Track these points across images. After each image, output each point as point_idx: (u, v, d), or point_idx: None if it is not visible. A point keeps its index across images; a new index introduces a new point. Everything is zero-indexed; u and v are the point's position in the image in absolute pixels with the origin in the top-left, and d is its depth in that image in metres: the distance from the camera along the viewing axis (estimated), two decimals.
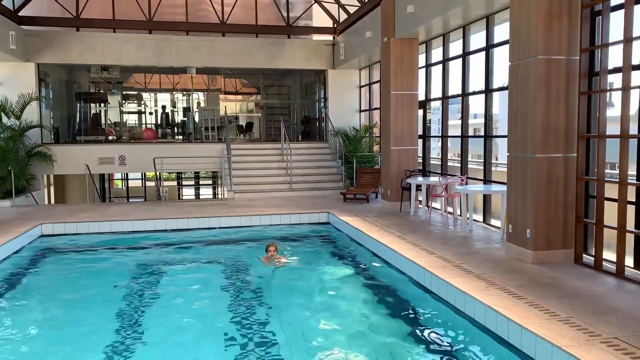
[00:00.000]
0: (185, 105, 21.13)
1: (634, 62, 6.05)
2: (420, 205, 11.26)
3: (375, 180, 13.53)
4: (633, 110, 6.11)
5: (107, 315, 5.90)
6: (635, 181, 6.12)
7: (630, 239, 6.19)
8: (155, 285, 7.18)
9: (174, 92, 21.51)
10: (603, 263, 6.40)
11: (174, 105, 21.62)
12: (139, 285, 7.09)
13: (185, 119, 20.22)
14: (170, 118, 20.93)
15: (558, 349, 4.12)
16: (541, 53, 6.64)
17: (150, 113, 21.54)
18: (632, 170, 6.24)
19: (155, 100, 22.20)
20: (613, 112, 6.81)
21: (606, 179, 6.41)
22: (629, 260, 6.26)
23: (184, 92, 20.98)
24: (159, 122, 20.89)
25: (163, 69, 18.64)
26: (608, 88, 6.50)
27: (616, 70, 6.33)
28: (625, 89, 6.01)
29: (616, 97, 6.76)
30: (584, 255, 6.80)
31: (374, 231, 8.96)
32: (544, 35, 6.62)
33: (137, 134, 19.45)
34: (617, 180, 6.13)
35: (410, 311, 5.98)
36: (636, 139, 6.13)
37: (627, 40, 5.97)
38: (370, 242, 8.58)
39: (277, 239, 9.76)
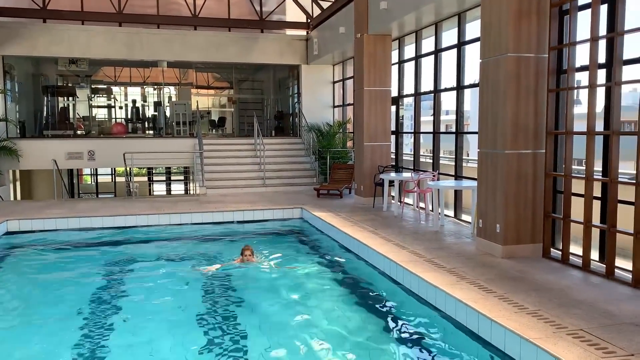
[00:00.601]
0: (156, 99, 20.80)
1: (600, 60, 6.19)
2: (393, 201, 11.34)
3: (348, 176, 13.57)
4: (599, 108, 6.26)
5: (74, 314, 5.78)
6: (600, 177, 6.27)
7: (595, 233, 6.35)
8: (125, 283, 7.04)
9: (145, 86, 21.15)
10: (570, 257, 6.56)
11: (144, 99, 21.25)
12: (108, 283, 6.96)
13: (156, 113, 19.92)
14: (140, 112, 20.58)
15: (526, 341, 4.20)
16: (511, 51, 6.74)
17: (120, 107, 21.13)
18: (597, 167, 6.39)
19: (126, 94, 21.78)
20: (580, 109, 6.97)
21: (573, 174, 6.56)
22: (595, 254, 6.43)
23: (155, 86, 20.66)
24: (129, 116, 20.52)
25: (133, 63, 18.31)
26: (575, 86, 6.64)
27: (583, 68, 6.47)
28: (592, 86, 6.15)
29: (583, 95, 6.91)
30: (551, 249, 6.96)
31: (347, 226, 8.99)
32: (514, 33, 6.72)
33: (106, 129, 19.07)
34: (584, 176, 6.28)
35: (383, 305, 6.02)
36: (602, 136, 6.28)
37: (594, 39, 6.11)
38: (344, 238, 8.61)
39: (250, 235, 9.74)
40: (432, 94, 10.97)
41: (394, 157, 12.78)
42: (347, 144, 15.86)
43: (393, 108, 12.42)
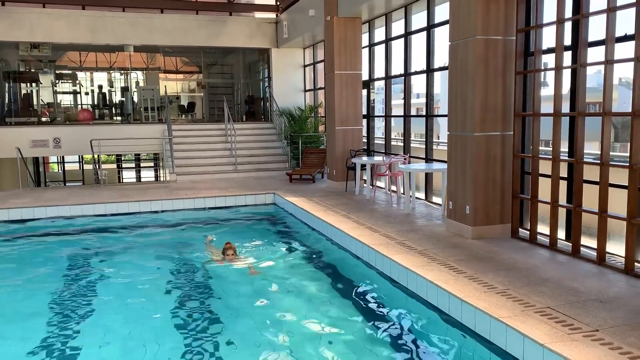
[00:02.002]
0: (123, 84, 20.33)
1: (566, 42, 6.27)
2: (365, 185, 11.39)
3: (320, 161, 13.56)
4: (565, 90, 6.36)
5: (39, 306, 5.66)
6: (567, 158, 6.39)
7: (562, 213, 6.49)
8: (93, 274, 6.90)
9: (111, 71, 20.64)
10: (537, 236, 6.70)
11: (111, 84, 20.76)
12: (76, 275, 6.82)
13: (124, 99, 19.49)
14: (107, 98, 20.11)
15: (496, 320, 4.28)
16: (479, 33, 6.77)
17: (86, 93, 20.58)
18: (563, 147, 6.52)
19: (92, 80, 21.23)
20: (546, 91, 7.07)
21: (540, 156, 6.67)
22: (561, 233, 6.58)
23: (122, 71, 20.18)
24: (95, 102, 20.03)
25: (99, 47, 17.83)
26: (542, 68, 6.72)
27: (550, 50, 6.55)
28: (558, 68, 6.24)
29: (549, 77, 7.00)
30: (519, 229, 7.09)
31: (319, 211, 8.99)
32: (482, 16, 6.75)
33: (72, 115, 18.58)
34: (551, 157, 6.39)
35: (356, 288, 6.07)
36: (568, 117, 6.39)
37: (560, 22, 6.18)
38: (316, 222, 8.61)
39: (222, 222, 9.68)
40: (403, 77, 10.99)
41: (365, 140, 12.80)
42: (319, 128, 15.82)
43: (364, 92, 12.41)
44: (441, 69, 9.75)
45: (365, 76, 12.34)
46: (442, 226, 7.77)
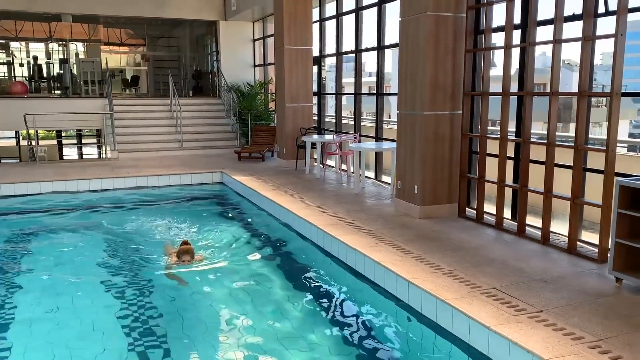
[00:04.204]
0: (62, 56, 19.23)
1: (515, 21, 6.22)
2: (315, 163, 11.21)
3: (270, 139, 13.26)
4: (513, 70, 6.33)
5: None
6: (514, 137, 6.39)
7: (508, 193, 6.52)
8: (24, 259, 6.46)
9: (49, 42, 19.47)
10: (484, 216, 6.72)
11: (48, 56, 19.61)
12: (2, 261, 6.35)
13: (62, 71, 18.46)
14: (44, 70, 18.98)
15: (442, 302, 4.22)
16: (430, 9, 6.63)
17: (21, 64, 19.38)
18: (511, 127, 6.52)
19: (27, 51, 19.99)
20: (494, 71, 7.04)
21: (488, 135, 6.65)
22: (507, 212, 6.62)
23: (60, 42, 19.06)
24: (31, 74, 18.88)
25: (35, 16, 16.70)
26: (492, 46, 6.66)
27: (500, 29, 6.48)
28: (507, 47, 6.18)
29: (497, 58, 6.97)
30: (467, 208, 7.10)
31: (268, 190, 8.76)
32: None
33: (5, 88, 17.44)
34: (499, 136, 6.38)
35: (304, 270, 5.92)
36: (516, 98, 6.38)
37: None
38: (265, 202, 8.39)
39: (166, 202, 9.30)
40: (354, 54, 10.79)
41: (316, 118, 12.59)
42: (269, 105, 15.47)
43: (315, 68, 12.14)
44: (392, 46, 9.60)
45: (316, 52, 12.06)
46: (391, 206, 7.70)
